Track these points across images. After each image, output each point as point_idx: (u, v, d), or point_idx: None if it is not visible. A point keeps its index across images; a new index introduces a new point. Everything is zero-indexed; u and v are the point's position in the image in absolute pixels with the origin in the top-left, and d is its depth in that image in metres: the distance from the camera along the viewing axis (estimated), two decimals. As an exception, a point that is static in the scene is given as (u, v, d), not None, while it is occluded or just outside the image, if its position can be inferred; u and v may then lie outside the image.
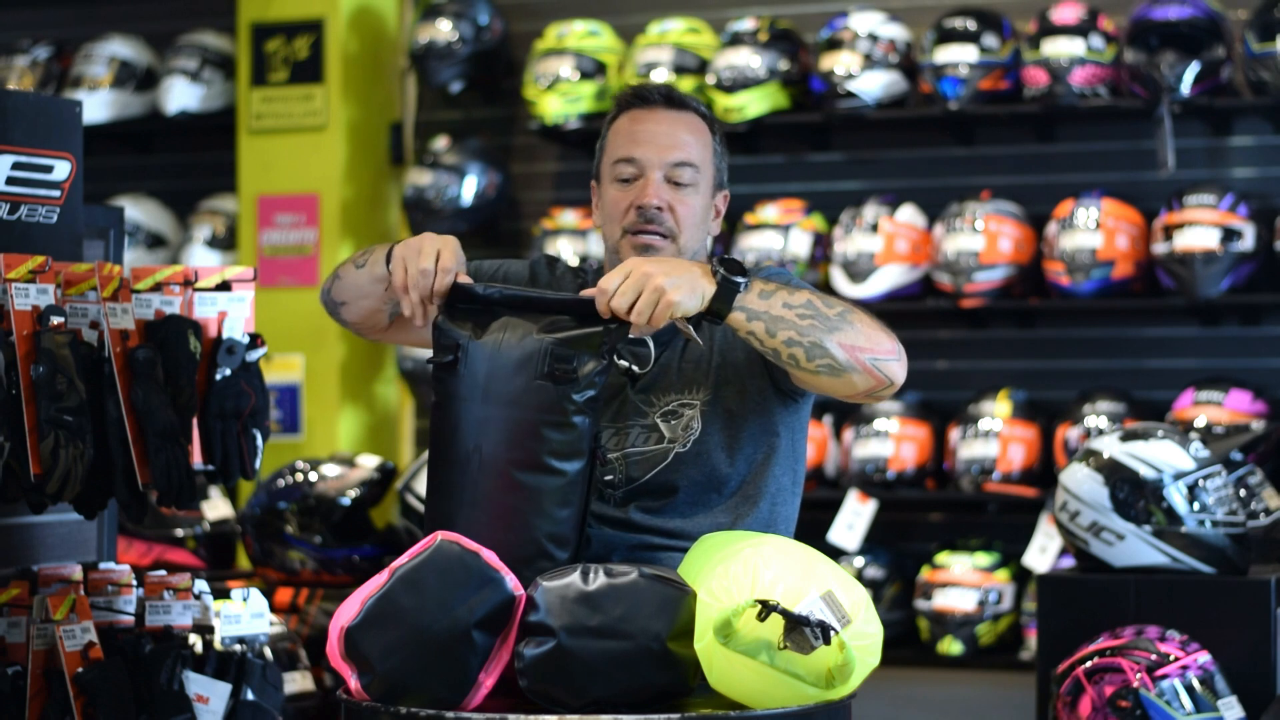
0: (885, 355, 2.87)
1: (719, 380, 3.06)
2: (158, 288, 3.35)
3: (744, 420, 3.05)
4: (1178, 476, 4.28)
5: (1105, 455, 4.33)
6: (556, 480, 2.81)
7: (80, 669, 3.23)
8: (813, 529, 5.75)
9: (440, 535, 2.71)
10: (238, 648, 3.46)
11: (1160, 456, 4.29)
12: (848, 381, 2.87)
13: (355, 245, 6.74)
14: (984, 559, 5.95)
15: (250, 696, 3.42)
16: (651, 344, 3.08)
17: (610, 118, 3.16)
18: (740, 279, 2.81)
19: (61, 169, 3.46)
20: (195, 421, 3.35)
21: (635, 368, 2.94)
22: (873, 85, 6.12)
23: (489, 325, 2.84)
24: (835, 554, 5.99)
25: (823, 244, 6.23)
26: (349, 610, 2.68)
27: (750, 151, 6.54)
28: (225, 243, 6.90)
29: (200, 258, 6.81)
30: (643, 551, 3.01)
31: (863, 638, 2.66)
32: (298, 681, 4.51)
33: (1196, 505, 4.27)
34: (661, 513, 3.03)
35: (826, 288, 6.22)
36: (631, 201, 3.07)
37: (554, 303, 2.86)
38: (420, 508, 5.07)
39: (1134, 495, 4.27)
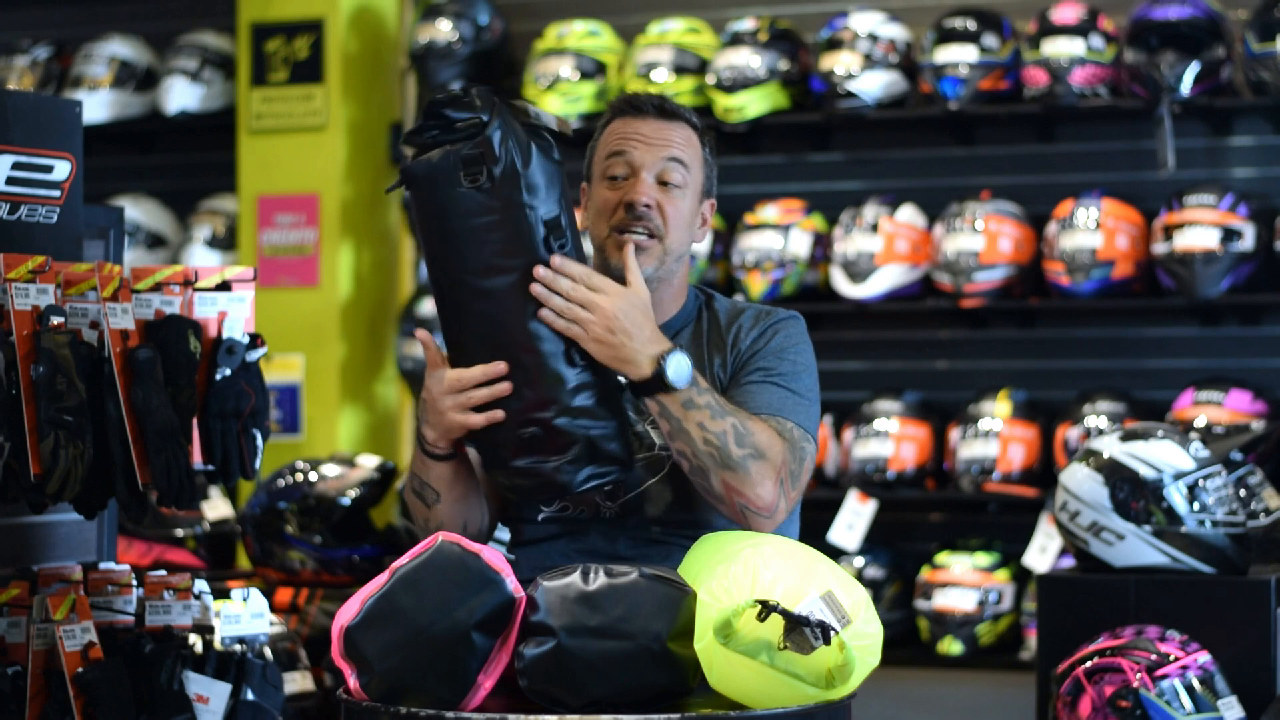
0: (758, 509, 2.91)
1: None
2: (158, 288, 3.35)
3: None
4: (1178, 476, 4.28)
5: (1105, 455, 4.33)
6: (510, 277, 2.84)
7: (80, 669, 3.23)
8: (813, 529, 5.75)
9: (441, 536, 2.72)
10: (238, 648, 3.47)
11: (1160, 456, 4.29)
12: (714, 504, 2.95)
13: (355, 245, 6.74)
14: (984, 559, 5.95)
15: (250, 696, 3.42)
16: None
17: (603, 123, 3.17)
18: (680, 384, 2.87)
19: (61, 169, 3.46)
20: (195, 421, 3.35)
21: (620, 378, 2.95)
22: (873, 85, 6.12)
23: None
24: (835, 554, 5.99)
25: (823, 244, 6.23)
26: (349, 610, 2.69)
27: (750, 151, 6.54)
28: (225, 243, 6.90)
29: (200, 258, 6.81)
30: (646, 546, 3.01)
31: (863, 638, 2.66)
32: (298, 681, 4.51)
33: (1196, 505, 4.27)
34: (659, 522, 3.03)
35: (826, 288, 6.23)
36: (621, 199, 3.07)
37: None
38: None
39: (1134, 495, 4.27)
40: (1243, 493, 4.34)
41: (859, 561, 6.11)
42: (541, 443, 2.87)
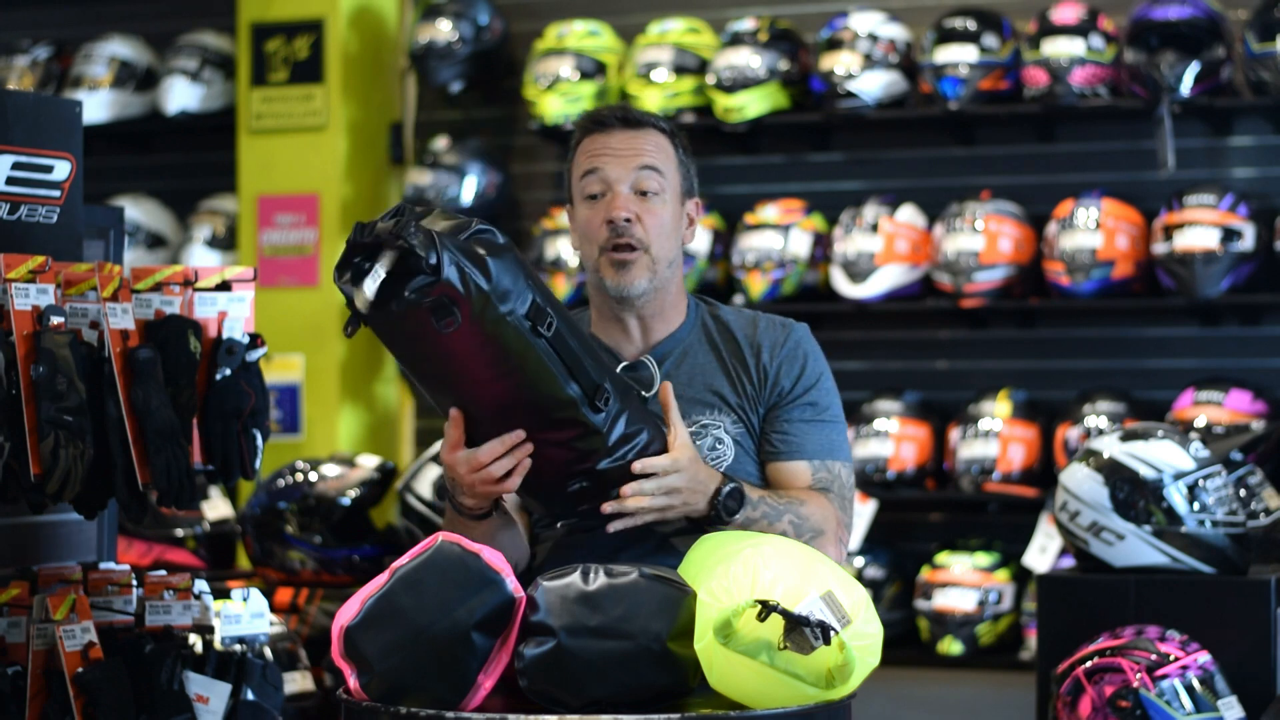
0: None
1: (741, 405, 3.11)
2: (158, 288, 3.35)
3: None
4: (1178, 476, 4.28)
5: (1105, 455, 4.33)
6: (511, 378, 2.77)
7: (80, 669, 3.23)
8: (813, 529, 5.75)
9: (441, 536, 2.72)
10: (238, 648, 3.46)
11: (1160, 456, 4.29)
12: None
13: (355, 245, 6.73)
14: (984, 559, 5.95)
15: (250, 696, 3.42)
16: (654, 365, 3.09)
17: (573, 143, 3.16)
18: (733, 518, 2.95)
19: (61, 169, 3.46)
20: (195, 421, 3.35)
21: (643, 393, 2.97)
22: (873, 85, 6.12)
23: None
24: (835, 554, 5.99)
25: (823, 244, 6.23)
26: (349, 610, 2.69)
27: (750, 151, 6.54)
28: (225, 243, 6.90)
29: (200, 258, 6.81)
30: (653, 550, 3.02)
31: (863, 638, 2.66)
32: (298, 681, 4.51)
33: (1196, 505, 4.27)
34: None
35: (826, 288, 6.23)
36: (603, 217, 3.07)
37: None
38: (420, 508, 5.07)
39: (1134, 495, 4.27)
40: (1243, 493, 4.34)
41: (859, 561, 6.10)
42: (593, 490, 2.88)
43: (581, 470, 2.85)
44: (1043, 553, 5.88)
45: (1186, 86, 5.80)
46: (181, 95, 6.88)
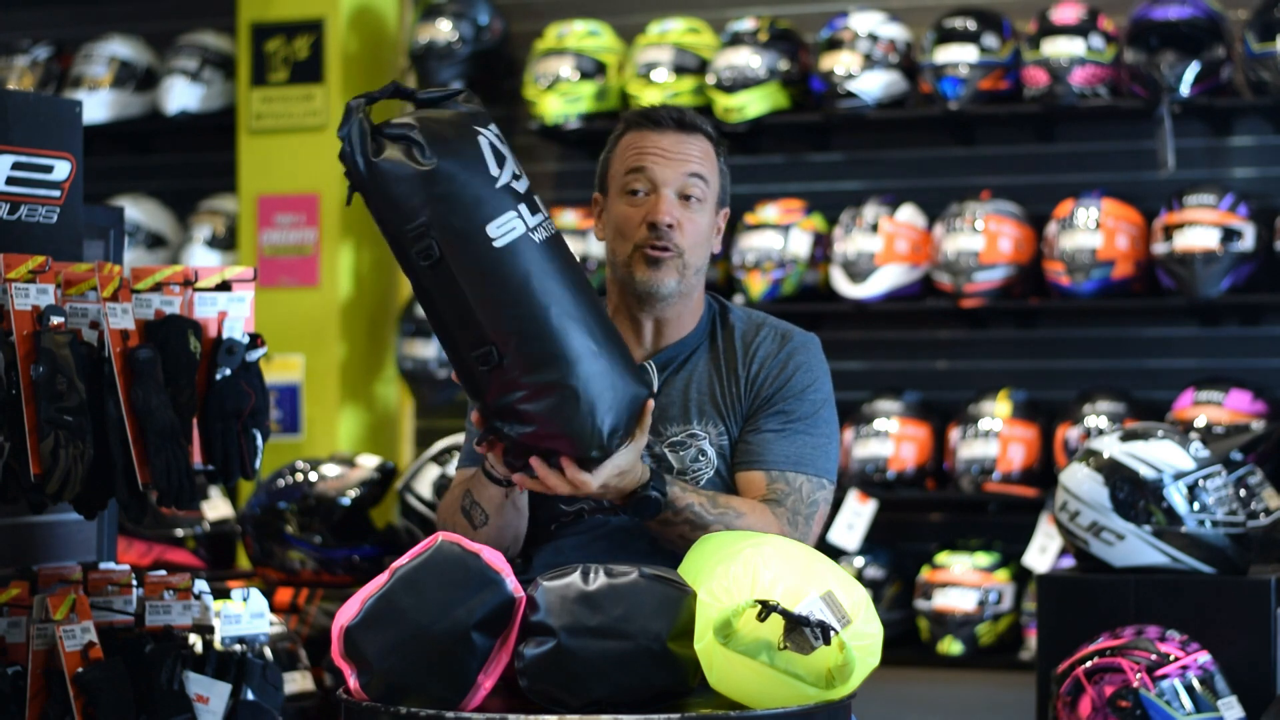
0: None
1: (728, 415, 3.10)
2: (158, 288, 3.35)
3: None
4: (1178, 476, 4.28)
5: (1105, 455, 4.33)
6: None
7: (80, 669, 3.23)
8: (813, 529, 5.74)
9: (441, 536, 2.72)
10: (238, 648, 3.46)
11: (1160, 456, 4.29)
12: None
13: (355, 245, 6.74)
14: (984, 559, 5.95)
15: (250, 696, 3.42)
16: (653, 369, 3.09)
17: (616, 135, 3.15)
18: (644, 517, 2.93)
19: (61, 169, 3.46)
20: (195, 421, 3.35)
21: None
22: (873, 85, 6.12)
23: None
24: (835, 554, 5.99)
25: (823, 244, 6.23)
26: (349, 610, 2.69)
27: (750, 151, 6.54)
28: (225, 243, 6.90)
29: (200, 258, 6.81)
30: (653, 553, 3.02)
31: (863, 638, 2.66)
32: (298, 681, 4.51)
33: (1196, 505, 4.27)
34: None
35: (826, 288, 6.23)
36: (644, 217, 3.07)
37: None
38: (420, 508, 5.07)
39: (1134, 495, 4.27)
40: (1243, 493, 4.34)
41: (859, 561, 6.11)
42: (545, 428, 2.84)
43: (514, 401, 2.80)
44: (1043, 553, 5.88)
45: (1186, 86, 5.80)
46: (181, 95, 6.88)
